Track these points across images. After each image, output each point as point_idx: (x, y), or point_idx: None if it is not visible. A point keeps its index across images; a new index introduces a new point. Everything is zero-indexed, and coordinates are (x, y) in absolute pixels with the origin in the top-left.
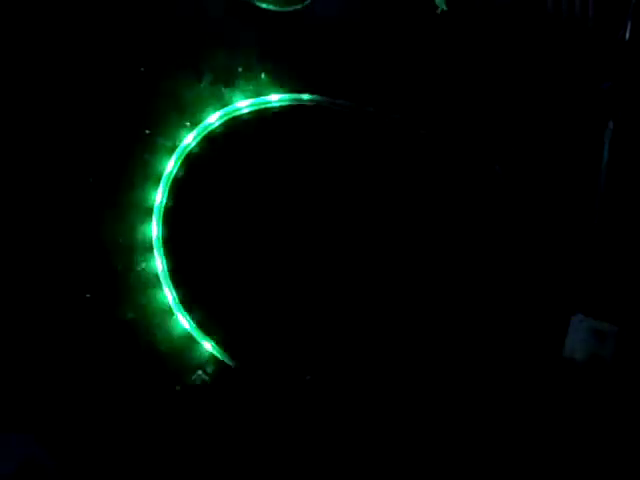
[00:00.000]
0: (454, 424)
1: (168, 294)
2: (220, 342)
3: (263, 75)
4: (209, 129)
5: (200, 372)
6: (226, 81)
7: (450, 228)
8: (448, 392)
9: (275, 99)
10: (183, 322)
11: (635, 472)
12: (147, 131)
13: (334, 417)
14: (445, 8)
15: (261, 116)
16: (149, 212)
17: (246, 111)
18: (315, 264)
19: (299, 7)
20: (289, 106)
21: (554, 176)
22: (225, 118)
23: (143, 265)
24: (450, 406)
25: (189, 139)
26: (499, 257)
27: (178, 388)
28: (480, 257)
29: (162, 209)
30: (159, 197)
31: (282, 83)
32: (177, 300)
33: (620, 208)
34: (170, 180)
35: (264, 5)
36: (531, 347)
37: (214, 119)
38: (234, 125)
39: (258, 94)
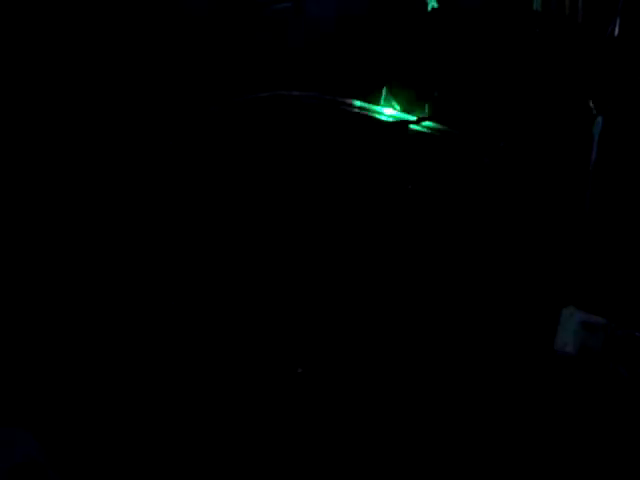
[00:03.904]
0: (446, 416)
1: None
2: None
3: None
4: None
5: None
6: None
7: (442, 221)
8: (440, 384)
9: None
10: None
11: (627, 463)
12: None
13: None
14: (436, 5)
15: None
16: None
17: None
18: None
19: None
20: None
21: (546, 171)
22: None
23: None
24: (442, 398)
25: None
26: (491, 251)
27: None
28: (472, 251)
29: None
30: None
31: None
32: None
33: (610, 203)
34: None
35: None
36: (523, 339)
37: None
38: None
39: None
